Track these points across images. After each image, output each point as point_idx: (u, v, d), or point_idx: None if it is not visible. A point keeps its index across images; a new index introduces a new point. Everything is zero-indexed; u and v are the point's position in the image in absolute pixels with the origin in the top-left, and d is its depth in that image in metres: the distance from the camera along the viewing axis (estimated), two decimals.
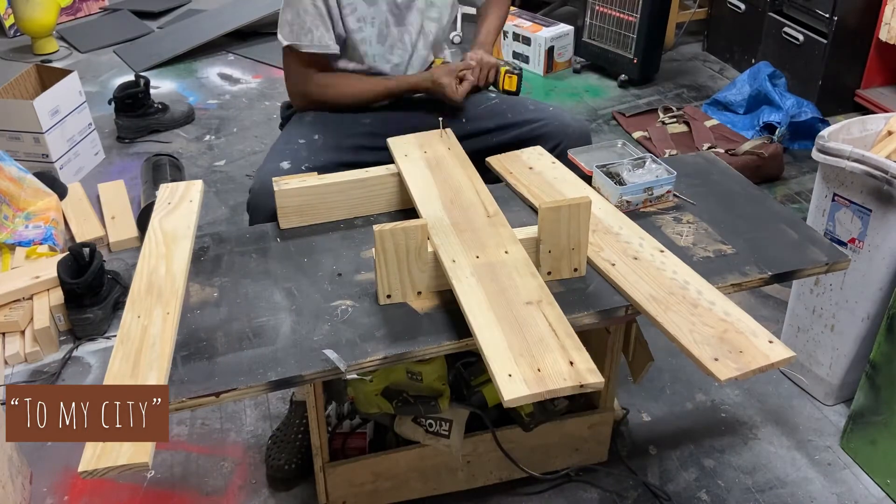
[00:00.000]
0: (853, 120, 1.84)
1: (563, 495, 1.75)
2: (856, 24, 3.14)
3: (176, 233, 1.49)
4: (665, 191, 1.61)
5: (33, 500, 1.78)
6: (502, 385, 1.10)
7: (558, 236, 1.35)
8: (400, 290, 1.34)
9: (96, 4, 4.71)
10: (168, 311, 1.29)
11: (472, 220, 1.45)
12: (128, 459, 1.06)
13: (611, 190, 1.58)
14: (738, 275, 1.41)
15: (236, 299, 1.38)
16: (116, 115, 3.30)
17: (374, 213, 1.62)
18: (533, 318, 1.21)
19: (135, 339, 1.24)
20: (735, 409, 1.97)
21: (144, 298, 1.33)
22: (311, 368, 1.23)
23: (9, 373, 2.15)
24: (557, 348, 1.15)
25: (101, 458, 1.06)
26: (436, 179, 1.58)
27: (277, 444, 1.80)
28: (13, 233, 2.52)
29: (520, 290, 1.27)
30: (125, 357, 1.21)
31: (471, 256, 1.34)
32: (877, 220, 1.70)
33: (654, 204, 1.61)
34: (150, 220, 1.54)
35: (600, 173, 1.61)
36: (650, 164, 1.63)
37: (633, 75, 3.65)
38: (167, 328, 1.26)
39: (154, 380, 1.16)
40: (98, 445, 1.08)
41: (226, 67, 3.97)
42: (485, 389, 1.63)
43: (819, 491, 1.76)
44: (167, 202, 1.59)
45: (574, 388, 1.10)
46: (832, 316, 1.86)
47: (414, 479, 1.66)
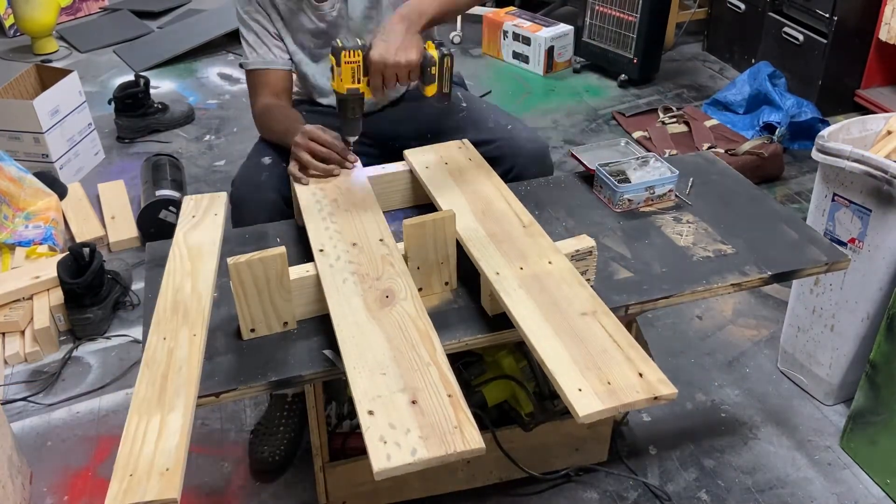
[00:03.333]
0: (853, 120, 1.84)
1: (563, 495, 1.75)
2: (856, 24, 3.14)
3: (201, 248, 1.42)
4: (667, 190, 1.61)
5: (33, 500, 1.78)
6: (574, 401, 1.05)
7: (426, 251, 1.32)
8: (264, 322, 1.28)
9: (96, 4, 4.71)
10: (195, 333, 1.24)
11: (508, 231, 1.40)
12: (156, 495, 1.00)
13: (611, 189, 1.59)
14: (738, 275, 1.41)
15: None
16: (116, 115, 3.30)
17: (390, 208, 1.61)
18: (591, 330, 1.17)
19: (161, 363, 1.19)
20: (735, 409, 1.97)
21: (170, 319, 1.27)
22: (311, 368, 1.23)
23: (9, 373, 2.15)
24: (623, 360, 1.11)
25: (128, 494, 1.01)
26: (463, 191, 1.53)
27: (259, 437, 1.82)
28: (13, 233, 2.52)
29: (572, 300, 1.22)
30: (151, 381, 1.15)
31: (514, 268, 1.30)
32: (877, 220, 1.70)
33: (655, 203, 1.61)
34: (175, 233, 1.47)
35: (602, 171, 1.61)
36: (654, 163, 1.63)
37: (633, 75, 3.65)
38: (194, 352, 1.21)
39: (181, 407, 1.11)
40: (125, 479, 1.03)
41: (226, 67, 3.97)
42: (485, 389, 1.63)
43: (819, 491, 1.76)
44: (191, 215, 1.52)
45: (648, 400, 1.05)
46: (832, 316, 1.86)
47: (414, 479, 1.66)
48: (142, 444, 1.07)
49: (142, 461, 1.04)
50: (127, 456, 1.05)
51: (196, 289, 1.33)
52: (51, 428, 1.98)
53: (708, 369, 2.09)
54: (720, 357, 2.13)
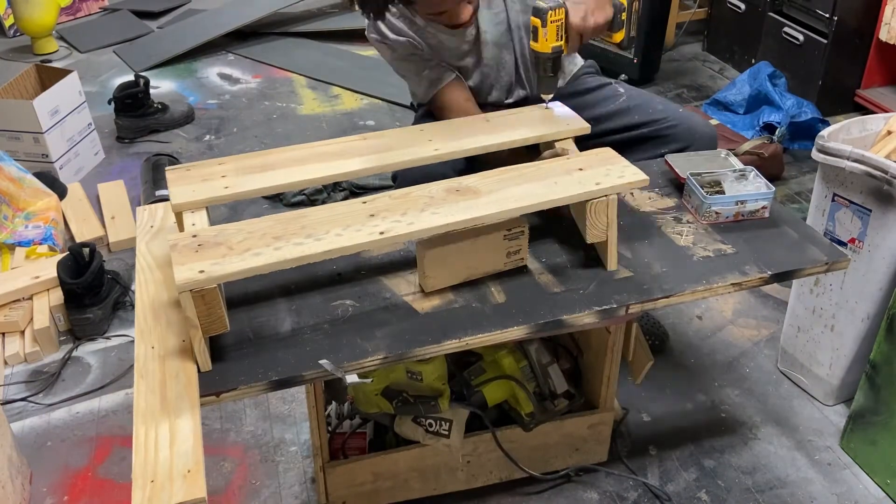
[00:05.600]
0: (853, 120, 1.84)
1: (563, 495, 1.75)
2: (856, 24, 3.14)
3: (168, 257, 1.40)
4: (760, 206, 1.54)
5: (33, 500, 1.78)
6: None
7: None
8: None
9: (96, 4, 4.71)
10: (183, 339, 1.24)
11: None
12: (184, 496, 0.99)
13: (700, 199, 1.54)
14: (738, 274, 1.40)
15: (236, 299, 1.38)
16: (116, 115, 3.30)
17: None
18: None
19: (155, 371, 1.18)
20: (735, 409, 1.97)
21: (154, 328, 1.26)
22: (311, 368, 1.23)
23: (8, 373, 2.15)
24: None
25: (154, 500, 0.99)
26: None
27: None
28: (13, 233, 2.52)
29: None
30: (150, 391, 1.15)
31: None
32: (877, 220, 1.70)
33: (747, 219, 1.55)
34: (137, 245, 1.48)
35: (692, 181, 1.56)
36: (753, 178, 1.59)
37: (633, 75, 3.64)
38: (186, 357, 1.20)
39: (187, 409, 1.11)
40: (146, 487, 1.01)
41: (226, 67, 3.97)
42: (485, 389, 1.63)
43: (819, 491, 1.76)
44: (149, 225, 1.54)
45: None
46: (832, 316, 1.86)
47: (414, 479, 1.66)
48: (155, 451, 1.06)
49: (160, 467, 1.04)
50: (143, 465, 1.05)
51: (173, 297, 1.32)
52: (50, 428, 1.98)
53: (708, 369, 2.09)
54: (720, 357, 2.13)
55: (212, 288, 1.15)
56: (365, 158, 1.46)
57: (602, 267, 1.42)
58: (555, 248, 1.48)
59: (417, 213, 1.28)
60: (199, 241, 1.22)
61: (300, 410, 1.99)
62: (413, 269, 1.40)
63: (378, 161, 1.45)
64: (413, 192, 1.33)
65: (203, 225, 1.31)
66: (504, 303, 1.35)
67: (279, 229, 1.25)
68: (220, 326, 1.19)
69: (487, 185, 1.35)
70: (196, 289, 1.14)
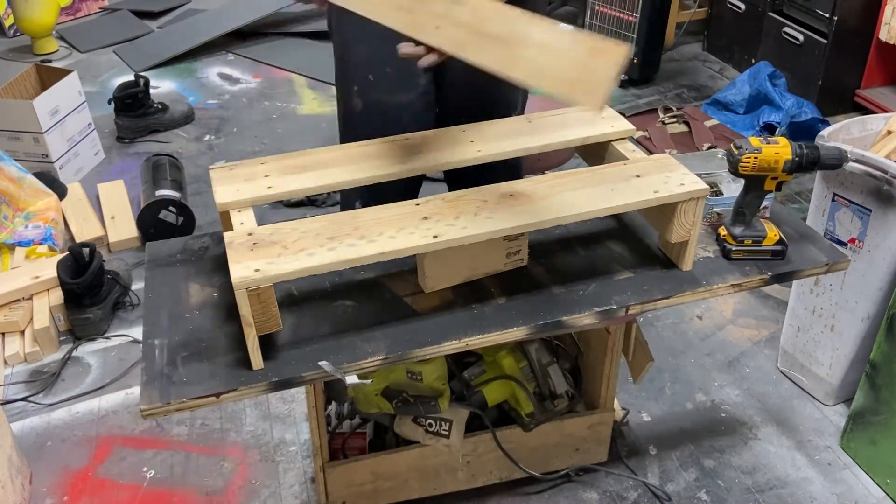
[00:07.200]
0: (853, 120, 1.84)
1: (563, 495, 1.75)
2: (856, 24, 3.14)
3: None
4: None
5: (33, 500, 1.78)
6: None
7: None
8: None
9: (96, 4, 4.71)
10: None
11: None
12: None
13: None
14: (739, 275, 1.40)
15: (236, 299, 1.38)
16: (116, 115, 3.30)
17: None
18: None
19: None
20: (735, 409, 1.97)
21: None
22: (311, 369, 1.22)
23: (8, 373, 2.15)
24: None
25: None
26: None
27: None
28: (13, 233, 2.52)
29: None
30: None
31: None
32: (877, 220, 1.70)
33: None
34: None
35: None
36: None
37: (633, 75, 3.65)
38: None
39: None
40: None
41: (226, 67, 3.97)
42: (485, 389, 1.63)
43: (819, 491, 1.76)
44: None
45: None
46: (832, 316, 1.86)
47: (414, 479, 1.66)
48: None
49: None
50: None
51: None
52: (50, 428, 1.98)
53: (708, 369, 2.09)
54: (720, 357, 2.13)
55: (267, 287, 1.15)
56: (406, 159, 1.44)
57: (601, 268, 1.42)
58: (555, 249, 1.48)
59: (471, 217, 1.26)
60: (253, 239, 1.22)
61: (300, 410, 1.99)
62: (413, 269, 1.40)
63: (420, 163, 1.44)
64: (466, 195, 1.32)
65: (251, 224, 1.30)
66: (504, 303, 1.35)
67: (333, 229, 1.24)
68: (273, 325, 1.19)
69: (541, 190, 1.33)
70: (252, 287, 1.14)
